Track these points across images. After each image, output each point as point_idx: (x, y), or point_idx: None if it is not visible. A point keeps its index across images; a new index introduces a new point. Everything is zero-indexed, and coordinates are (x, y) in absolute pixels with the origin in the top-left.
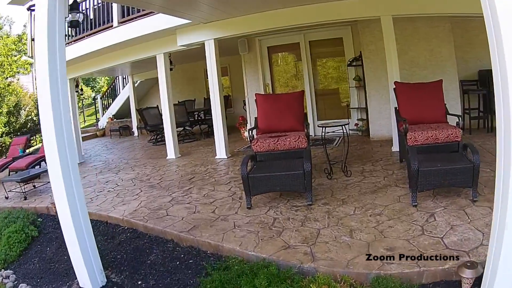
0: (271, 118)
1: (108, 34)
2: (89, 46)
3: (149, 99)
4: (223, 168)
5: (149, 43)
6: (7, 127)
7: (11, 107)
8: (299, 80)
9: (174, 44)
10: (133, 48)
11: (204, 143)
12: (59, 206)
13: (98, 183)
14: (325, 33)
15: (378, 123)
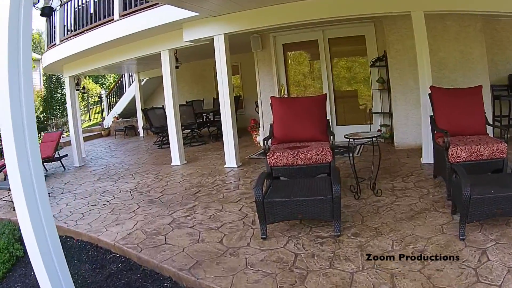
0: (289, 126)
1: (108, 28)
2: (88, 41)
3: (155, 99)
4: (233, 181)
5: (153, 39)
6: None
7: None
8: (316, 81)
9: (180, 39)
10: (136, 44)
11: (213, 147)
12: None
13: (93, 193)
14: (345, 30)
15: (404, 130)
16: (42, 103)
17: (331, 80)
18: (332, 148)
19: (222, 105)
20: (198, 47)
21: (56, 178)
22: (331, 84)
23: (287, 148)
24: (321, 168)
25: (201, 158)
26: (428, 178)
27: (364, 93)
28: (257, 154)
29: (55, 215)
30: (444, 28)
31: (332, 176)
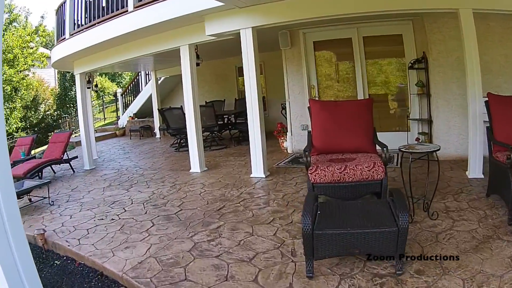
0: (331, 134)
1: (121, 20)
2: (99, 35)
3: (173, 98)
4: (262, 195)
5: (171, 32)
6: (23, 122)
7: (28, 102)
8: (349, 83)
9: (202, 33)
10: (152, 38)
11: (235, 151)
12: None
13: (102, 204)
14: (381, 28)
15: (446, 140)
16: (56, 101)
17: (366, 82)
18: (385, 163)
19: (250, 107)
20: (220, 43)
21: (64, 183)
22: (365, 87)
23: (330, 161)
24: (371, 186)
25: (223, 165)
26: (480, 197)
27: (402, 97)
28: (285, 162)
29: (56, 229)
30: (488, 29)
31: (397, 200)
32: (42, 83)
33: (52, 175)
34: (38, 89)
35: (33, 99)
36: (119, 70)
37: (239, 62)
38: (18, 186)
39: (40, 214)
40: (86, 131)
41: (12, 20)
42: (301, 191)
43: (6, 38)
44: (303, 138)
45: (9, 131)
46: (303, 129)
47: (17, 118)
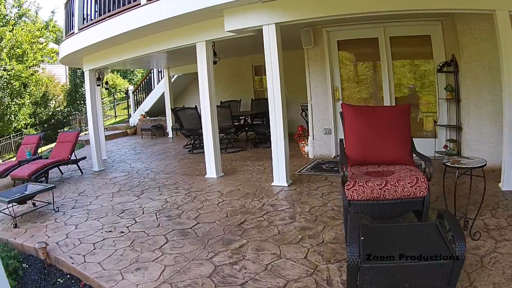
0: (367, 143)
1: (133, 14)
2: (109, 30)
3: (186, 97)
4: (286, 207)
5: (187, 28)
6: (33, 119)
7: (37, 98)
8: (375, 85)
9: (220, 29)
10: (166, 33)
11: (252, 155)
12: None
13: (110, 212)
14: (409, 28)
15: (476, 148)
16: (66, 98)
17: (392, 84)
18: (429, 177)
19: (272, 109)
20: (238, 40)
21: (71, 185)
22: (392, 89)
23: (366, 174)
24: (412, 204)
25: (241, 170)
26: None
27: (429, 102)
28: (308, 169)
29: (60, 241)
30: None
31: (451, 224)
32: (53, 79)
33: (59, 176)
34: (49, 85)
35: (43, 95)
36: (131, 67)
37: (256, 60)
38: (21, 190)
39: (43, 221)
40: (95, 131)
41: (21, 15)
42: (328, 204)
43: (15, 33)
44: (325, 143)
45: (18, 127)
46: (326, 133)
47: (25, 114)
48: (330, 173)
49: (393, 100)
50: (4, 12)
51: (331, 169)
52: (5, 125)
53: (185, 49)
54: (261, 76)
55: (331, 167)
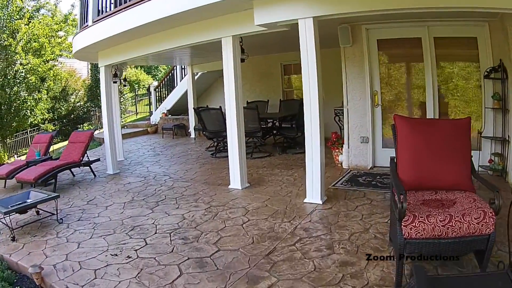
0: (424, 164)
1: (152, 5)
2: (126, 22)
3: (210, 96)
4: (322, 232)
5: (212, 21)
6: (51, 113)
7: (56, 93)
8: (418, 89)
9: (249, 23)
10: (189, 27)
11: (281, 162)
12: None
13: (119, 229)
14: (454, 28)
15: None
16: (87, 93)
17: (436, 89)
18: (497, 212)
19: (307, 114)
20: (267, 36)
21: (81, 191)
22: (436, 96)
23: (423, 203)
24: (475, 243)
25: (269, 180)
26: None
27: (473, 111)
28: (343, 182)
29: (58, 264)
30: None
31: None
32: (74, 73)
33: (71, 178)
34: (69, 79)
35: (62, 90)
36: (152, 63)
37: (285, 59)
38: (23, 198)
39: (44, 235)
40: (110, 131)
41: (38, 8)
42: (370, 229)
43: (31, 26)
44: (362, 153)
45: (34, 123)
46: (363, 142)
47: (43, 109)
48: (368, 189)
49: (436, 106)
50: (21, 4)
51: (368, 183)
52: (20, 120)
53: (210, 44)
54: (290, 75)
55: (368, 181)
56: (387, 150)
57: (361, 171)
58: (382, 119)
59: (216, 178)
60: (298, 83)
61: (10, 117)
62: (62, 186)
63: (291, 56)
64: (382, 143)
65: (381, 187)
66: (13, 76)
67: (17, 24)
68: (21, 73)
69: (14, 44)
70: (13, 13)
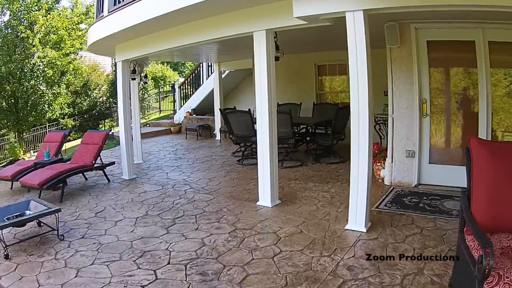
0: (505, 201)
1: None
2: (145, 11)
3: (238, 96)
4: (369, 272)
5: (242, 12)
6: (71, 108)
7: (77, 87)
8: (470, 99)
9: (286, 15)
10: (216, 19)
11: (314, 172)
12: None
13: (126, 255)
14: (508, 32)
15: None
16: (110, 88)
17: (490, 100)
18: None
19: (355, 120)
20: (303, 33)
21: (91, 198)
22: (489, 108)
23: (503, 252)
24: None
25: (302, 197)
26: None
27: None
28: (387, 204)
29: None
30: None
31: None
32: (97, 68)
33: (83, 182)
34: (92, 74)
35: (84, 85)
36: (178, 59)
37: (320, 58)
38: (21, 208)
39: (41, 255)
40: (127, 132)
41: None
42: (425, 270)
43: (49, 18)
44: (406, 168)
45: (53, 118)
46: (408, 156)
47: (61, 104)
48: (416, 212)
49: (489, 117)
50: None
51: (415, 205)
52: (38, 114)
53: (239, 39)
54: (324, 77)
55: (415, 202)
56: (434, 167)
57: (406, 189)
58: (430, 131)
59: (242, 190)
60: (334, 85)
61: (26, 111)
62: (72, 192)
63: (326, 55)
64: (429, 158)
65: (430, 211)
66: (30, 69)
67: (34, 16)
68: (38, 66)
69: (32, 36)
70: (31, 4)
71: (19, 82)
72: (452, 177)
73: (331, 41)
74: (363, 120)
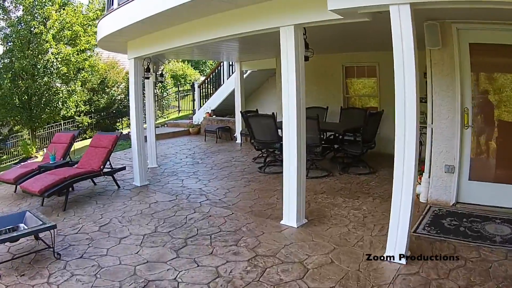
0: None
1: None
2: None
3: (260, 97)
4: None
5: (267, 5)
6: (88, 106)
7: (95, 84)
8: None
9: (318, 9)
10: (237, 12)
11: (342, 185)
12: None
13: (126, 284)
14: None
15: None
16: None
17: None
18: None
19: (400, 129)
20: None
21: (96, 208)
22: None
23: None
24: None
25: (331, 215)
26: None
27: None
28: (425, 226)
29: None
30: None
31: None
32: (116, 65)
33: (91, 187)
34: (111, 71)
35: (101, 82)
36: (198, 57)
37: (348, 60)
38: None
39: (33, 276)
40: (139, 135)
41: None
42: None
43: (62, 14)
44: (444, 184)
45: (67, 115)
46: (447, 172)
47: (76, 101)
48: (458, 239)
49: None
50: None
51: (456, 229)
52: (52, 112)
53: (263, 36)
54: (352, 79)
55: (455, 225)
56: (474, 184)
57: (443, 209)
58: (471, 144)
59: (264, 205)
60: (363, 89)
61: (39, 108)
62: (78, 198)
63: (355, 57)
64: (469, 174)
65: (472, 237)
66: (43, 66)
67: (48, 11)
68: (52, 62)
69: (45, 32)
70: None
71: (32, 79)
72: (494, 196)
73: (364, 40)
74: (410, 129)
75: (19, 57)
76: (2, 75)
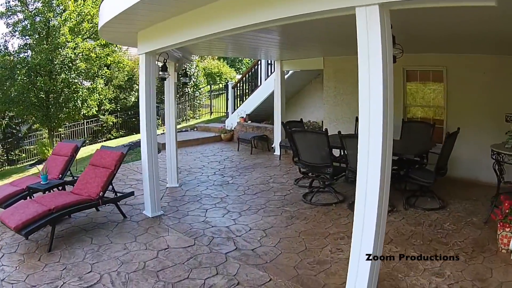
0: None
1: None
2: None
3: (301, 101)
4: None
5: None
6: (114, 104)
7: (121, 82)
8: None
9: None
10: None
11: (412, 228)
12: None
13: None
14: None
15: None
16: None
17: None
18: None
19: None
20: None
21: (89, 251)
22: None
23: None
24: None
25: (407, 286)
26: None
27: None
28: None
29: None
30: None
31: None
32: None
33: (91, 214)
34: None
35: (129, 79)
36: (231, 54)
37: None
38: None
39: None
40: (150, 151)
41: None
42: None
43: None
44: None
45: (88, 115)
46: None
47: (98, 100)
48: None
49: None
50: None
51: None
52: (71, 111)
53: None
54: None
55: None
56: None
57: None
58: None
59: (314, 263)
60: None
61: (57, 107)
62: (72, 230)
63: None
64: None
65: None
66: (60, 61)
67: (64, 1)
68: (69, 58)
69: (62, 24)
70: None
71: (49, 75)
72: None
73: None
74: None
75: (36, 52)
76: (17, 70)
